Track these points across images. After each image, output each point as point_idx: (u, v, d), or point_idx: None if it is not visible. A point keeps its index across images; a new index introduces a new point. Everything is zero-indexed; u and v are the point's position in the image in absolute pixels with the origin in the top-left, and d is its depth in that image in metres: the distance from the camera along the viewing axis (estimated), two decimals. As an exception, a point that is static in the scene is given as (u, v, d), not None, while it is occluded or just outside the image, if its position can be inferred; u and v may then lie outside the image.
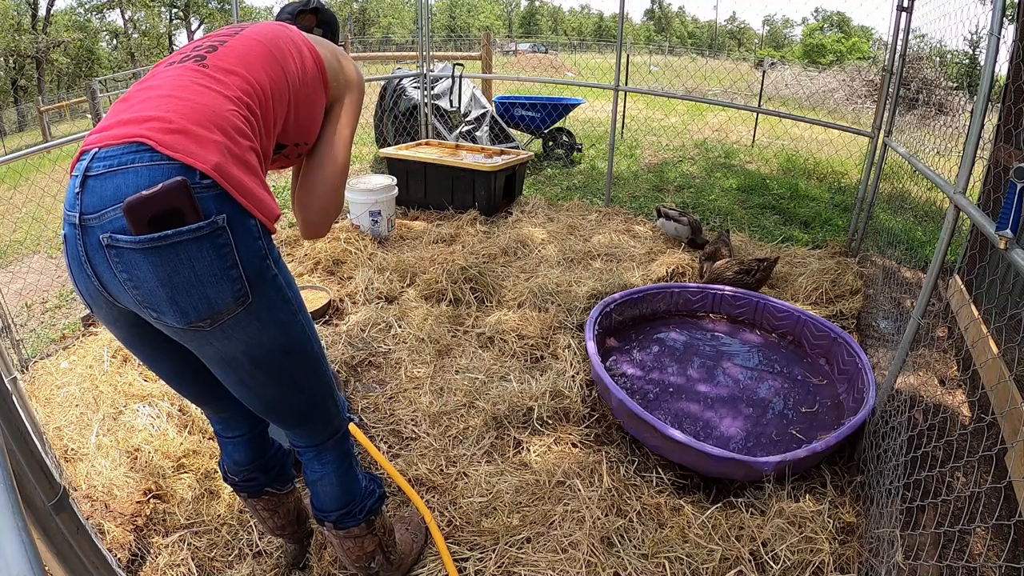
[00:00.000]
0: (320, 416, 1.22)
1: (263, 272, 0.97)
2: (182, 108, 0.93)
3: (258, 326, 1.00)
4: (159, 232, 0.86)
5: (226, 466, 1.38)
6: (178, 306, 0.92)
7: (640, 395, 2.21)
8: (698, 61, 15.78)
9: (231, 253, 0.91)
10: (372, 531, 1.36)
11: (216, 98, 0.97)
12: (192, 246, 0.88)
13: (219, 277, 0.91)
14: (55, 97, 17.60)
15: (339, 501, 1.30)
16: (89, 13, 25.88)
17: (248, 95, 1.01)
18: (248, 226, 0.94)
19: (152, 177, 0.86)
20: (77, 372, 2.33)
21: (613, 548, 1.59)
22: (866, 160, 3.60)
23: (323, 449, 1.26)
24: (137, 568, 1.56)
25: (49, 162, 6.06)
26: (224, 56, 1.05)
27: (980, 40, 4.07)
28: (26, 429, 0.97)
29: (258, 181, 0.98)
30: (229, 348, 1.00)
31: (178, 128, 0.90)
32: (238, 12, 3.82)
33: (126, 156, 0.88)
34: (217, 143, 0.92)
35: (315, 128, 1.21)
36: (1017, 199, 1.28)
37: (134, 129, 0.89)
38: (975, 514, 1.62)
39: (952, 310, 2.88)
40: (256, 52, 1.07)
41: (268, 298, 0.99)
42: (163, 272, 0.89)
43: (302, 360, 1.11)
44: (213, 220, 0.89)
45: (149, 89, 0.98)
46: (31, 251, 4.04)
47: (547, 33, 55.61)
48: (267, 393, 1.11)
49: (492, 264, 3.34)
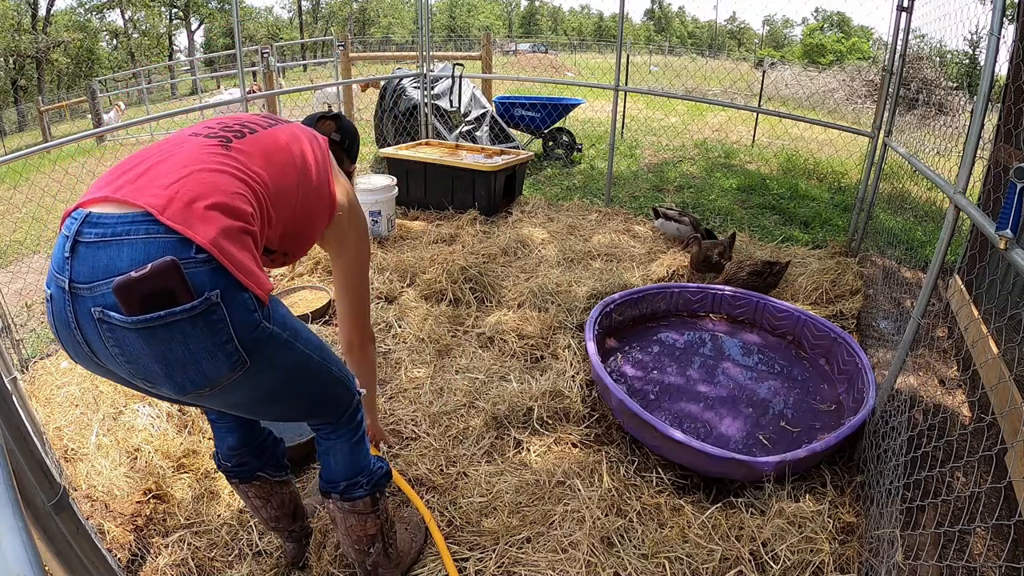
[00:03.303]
0: (328, 405, 1.28)
1: (259, 335, 0.98)
2: (190, 182, 0.95)
3: (259, 379, 1.04)
4: (152, 313, 0.85)
5: (220, 453, 1.42)
6: (174, 381, 0.93)
7: (640, 395, 2.21)
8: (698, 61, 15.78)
9: (226, 328, 0.92)
10: (376, 510, 1.39)
11: (227, 178, 0.99)
12: (186, 325, 0.88)
13: (214, 352, 0.92)
14: (55, 97, 17.59)
15: (348, 470, 1.34)
16: (89, 13, 25.89)
17: (260, 184, 1.05)
18: (243, 299, 0.94)
19: (147, 252, 0.86)
20: (77, 372, 2.32)
21: (613, 548, 1.59)
22: (866, 160, 3.60)
23: (335, 428, 1.32)
24: (137, 568, 1.56)
25: (49, 162, 6.06)
26: (250, 144, 1.10)
27: (980, 40, 4.07)
28: (26, 429, 0.97)
29: (252, 258, 0.99)
30: (232, 400, 1.06)
31: (182, 200, 0.91)
32: (238, 12, 3.82)
33: (123, 226, 0.87)
34: (216, 219, 0.93)
35: (306, 245, 1.27)
36: (1017, 199, 1.28)
37: (132, 197, 0.90)
38: (975, 514, 1.62)
39: (952, 310, 2.88)
40: (279, 152, 1.13)
41: (266, 354, 1.01)
42: (157, 350, 0.89)
43: (305, 379, 1.15)
44: (207, 297, 0.89)
45: (169, 155, 1.01)
46: (31, 251, 4.04)
47: (547, 33, 55.61)
48: (273, 413, 1.19)
49: (492, 264, 3.34)
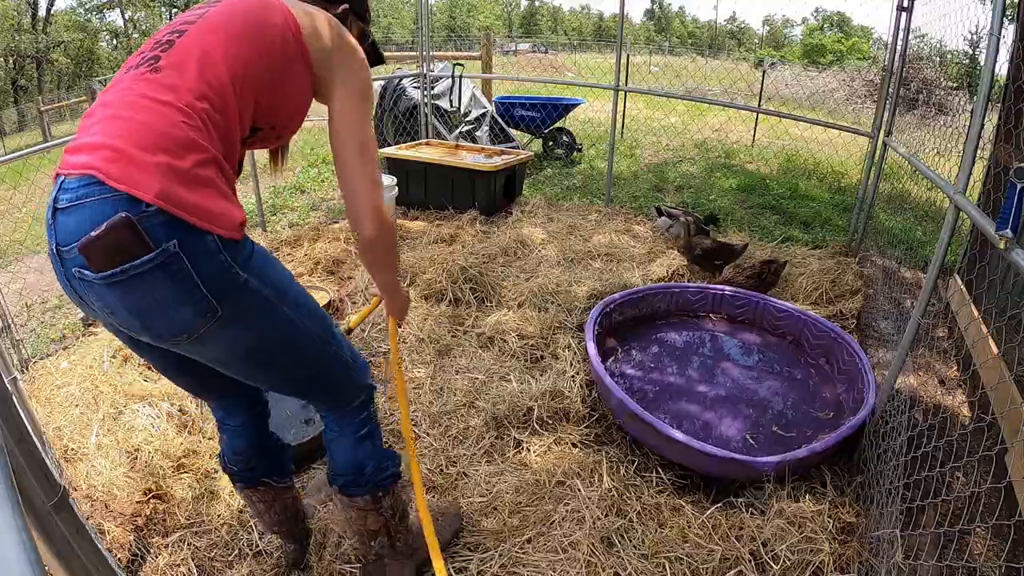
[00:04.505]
0: (327, 388, 1.25)
1: (229, 283, 0.97)
2: (125, 131, 0.92)
3: (238, 330, 1.02)
4: (115, 268, 0.89)
5: (226, 456, 1.41)
6: (150, 329, 0.97)
7: (640, 395, 2.21)
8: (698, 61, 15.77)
9: (189, 276, 0.92)
10: (378, 508, 1.38)
11: (161, 114, 0.94)
12: (148, 276, 0.90)
13: (181, 300, 0.93)
14: (55, 97, 17.58)
15: (348, 466, 1.33)
16: (89, 13, 25.89)
17: (202, 96, 0.98)
18: (204, 244, 0.93)
19: (104, 212, 0.88)
20: (77, 372, 2.32)
21: (613, 548, 1.59)
22: (866, 160, 3.60)
23: (341, 415, 1.30)
24: (137, 568, 1.56)
25: (49, 162, 6.05)
26: (180, 52, 1.00)
27: (980, 40, 4.07)
28: (26, 429, 0.97)
29: (213, 192, 0.96)
30: (213, 353, 1.05)
31: (122, 155, 0.90)
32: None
33: (82, 190, 0.90)
34: (160, 166, 0.91)
35: (288, 111, 1.15)
36: (1017, 199, 1.28)
37: (87, 159, 0.91)
38: (975, 514, 1.61)
39: (952, 310, 2.88)
40: (214, 39, 1.02)
41: (241, 304, 1.00)
42: (129, 301, 0.92)
43: (294, 346, 1.12)
44: (164, 248, 0.89)
45: (106, 106, 0.98)
46: (31, 251, 4.04)
47: (547, 33, 55.59)
48: (266, 379, 1.17)
49: (492, 264, 3.34)
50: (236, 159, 1.07)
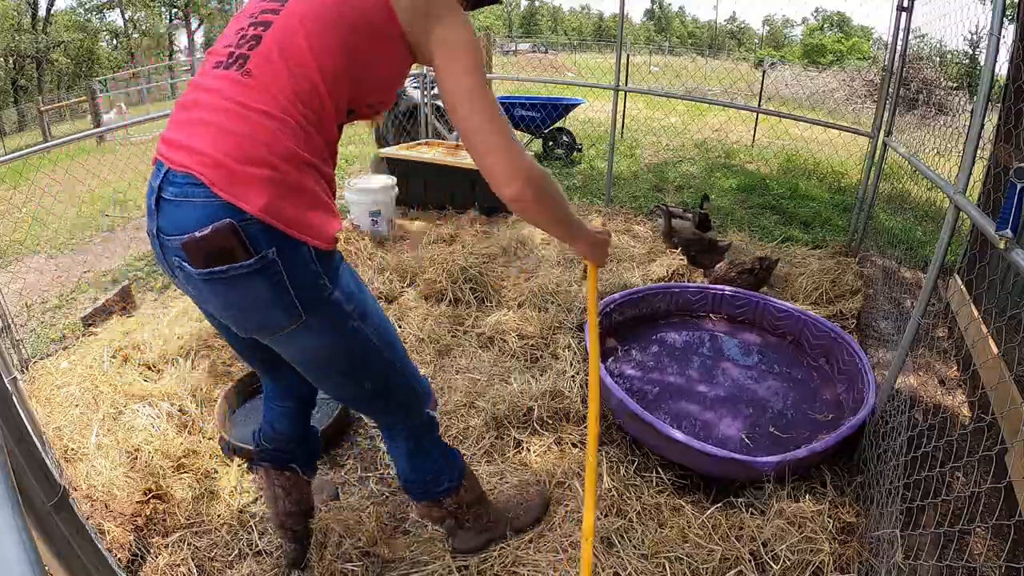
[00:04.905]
0: (385, 410, 1.29)
1: (318, 292, 1.03)
2: (224, 143, 0.94)
3: (316, 337, 1.07)
4: (215, 268, 0.95)
5: (263, 433, 1.46)
6: (238, 323, 1.05)
7: (640, 395, 2.21)
8: (698, 61, 15.75)
9: (283, 282, 0.98)
10: (440, 506, 1.45)
11: (259, 125, 0.94)
12: (245, 279, 0.96)
13: (272, 303, 0.99)
14: (55, 97, 17.56)
15: (406, 476, 1.40)
16: (89, 13, 25.86)
17: (296, 99, 0.97)
18: (300, 254, 0.98)
19: (207, 214, 0.93)
20: (77, 372, 2.32)
21: (613, 548, 1.59)
22: (866, 160, 3.60)
23: (393, 431, 1.34)
24: (137, 568, 1.56)
25: (49, 162, 6.05)
26: (267, 51, 0.98)
27: (980, 40, 4.07)
28: (26, 429, 0.97)
29: (312, 203, 0.99)
30: (291, 351, 1.12)
31: (222, 165, 0.93)
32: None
33: (188, 188, 0.94)
34: (263, 179, 0.93)
35: (384, 87, 1.10)
36: (1017, 199, 1.28)
37: (187, 158, 0.95)
38: (975, 514, 1.62)
39: (952, 310, 2.88)
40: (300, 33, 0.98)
41: (323, 315, 1.05)
42: (223, 297, 1.00)
43: (363, 365, 1.17)
44: (264, 255, 0.94)
45: (201, 107, 0.98)
46: (31, 251, 4.04)
47: (547, 33, 55.57)
48: (328, 386, 1.23)
49: (492, 264, 3.34)
50: (335, 149, 1.09)
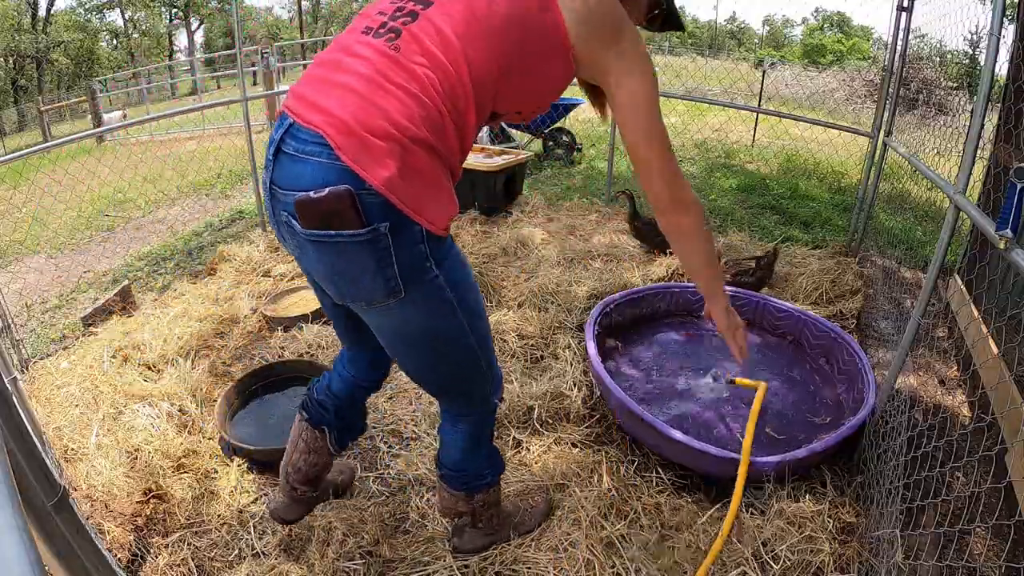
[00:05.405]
0: (458, 396, 1.30)
1: (421, 273, 1.02)
2: (361, 112, 0.92)
3: (410, 315, 1.06)
4: (324, 231, 0.94)
5: (318, 384, 1.48)
6: (336, 288, 1.04)
7: (640, 395, 2.21)
8: (698, 61, 15.70)
9: (389, 256, 0.97)
10: (469, 500, 1.46)
11: (398, 101, 0.92)
12: (353, 247, 0.95)
13: (375, 275, 0.98)
14: (55, 97, 17.57)
15: (454, 465, 1.40)
16: (89, 13, 25.88)
17: (440, 86, 0.94)
18: (412, 232, 0.97)
19: (326, 176, 0.91)
20: (77, 372, 2.32)
21: (613, 548, 1.59)
22: (866, 160, 3.60)
23: (458, 420, 1.34)
24: (137, 568, 1.56)
25: (49, 162, 6.06)
26: (421, 31, 0.95)
27: (980, 40, 4.08)
28: (26, 429, 0.97)
29: (434, 187, 0.98)
30: (381, 324, 1.11)
31: (354, 133, 0.91)
32: (238, 13, 3.83)
33: (312, 146, 0.93)
34: (390, 154, 0.92)
35: (536, 100, 1.10)
36: (1017, 199, 1.28)
37: (318, 118, 0.93)
38: (975, 514, 1.61)
39: (952, 310, 2.88)
40: (463, 26, 0.95)
41: (422, 295, 1.04)
42: (326, 261, 0.99)
43: (450, 351, 1.16)
44: (376, 227, 0.94)
45: (340, 69, 0.97)
46: (31, 251, 4.04)
47: (547, 33, 55.40)
48: (409, 365, 1.21)
49: (492, 264, 3.34)
50: (468, 145, 1.08)
